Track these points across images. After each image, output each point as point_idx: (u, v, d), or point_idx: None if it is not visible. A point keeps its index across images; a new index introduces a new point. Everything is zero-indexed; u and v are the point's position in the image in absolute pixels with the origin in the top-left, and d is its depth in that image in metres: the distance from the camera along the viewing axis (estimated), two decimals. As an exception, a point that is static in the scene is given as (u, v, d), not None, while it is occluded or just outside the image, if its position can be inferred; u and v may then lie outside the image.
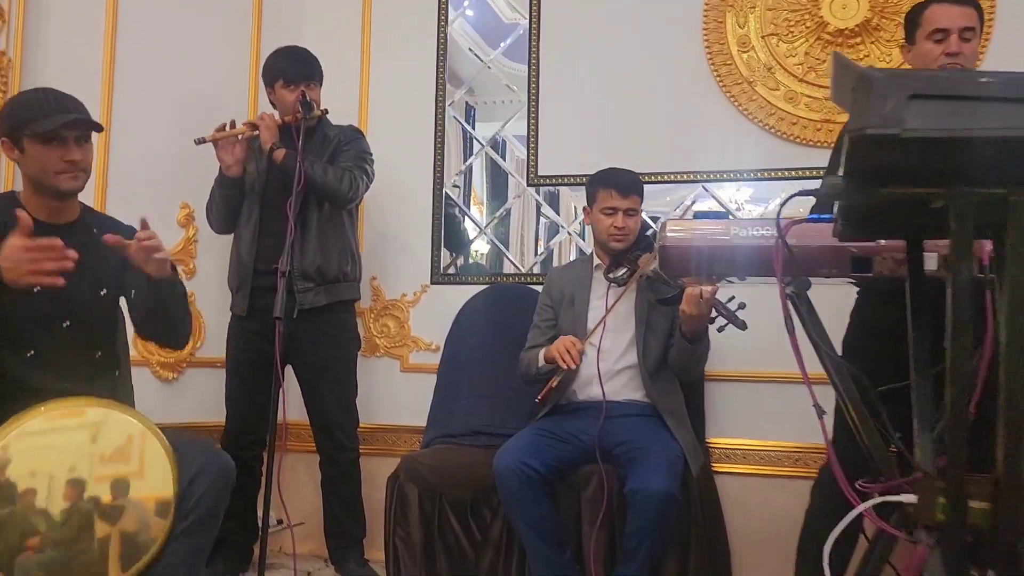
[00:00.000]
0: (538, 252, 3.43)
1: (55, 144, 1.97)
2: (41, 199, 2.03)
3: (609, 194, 2.69)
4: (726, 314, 2.38)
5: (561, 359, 2.53)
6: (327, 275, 2.95)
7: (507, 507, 2.50)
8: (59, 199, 2.03)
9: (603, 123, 3.30)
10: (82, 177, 2.03)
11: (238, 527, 2.95)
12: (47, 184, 1.99)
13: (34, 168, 1.99)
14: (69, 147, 1.98)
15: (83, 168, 2.02)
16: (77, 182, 2.02)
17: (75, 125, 1.99)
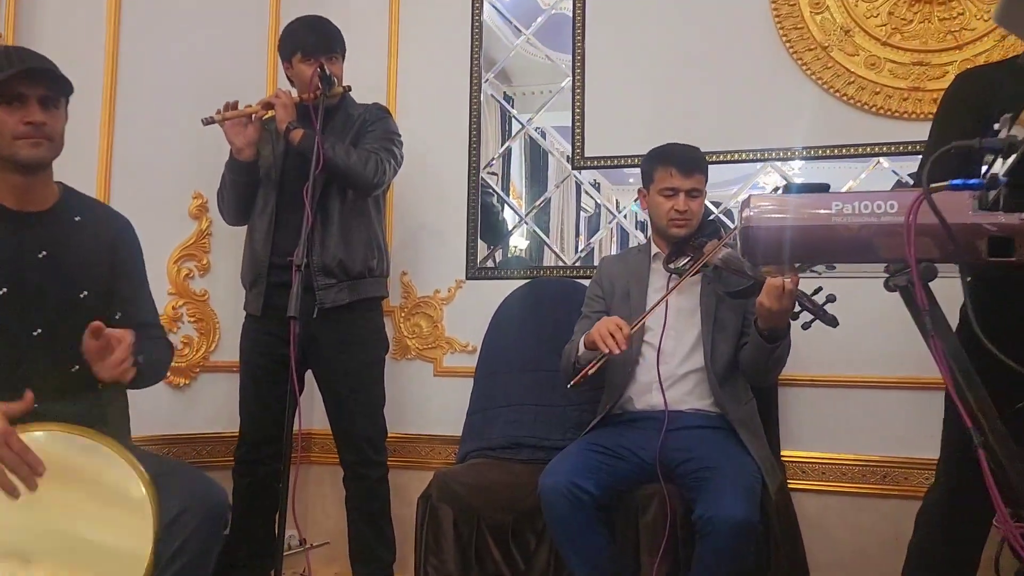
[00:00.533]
0: (579, 244, 3.09)
1: (13, 104, 1.68)
2: (3, 180, 1.73)
3: (668, 173, 2.35)
4: (812, 308, 2.03)
5: (602, 342, 2.17)
6: (350, 270, 2.64)
7: (555, 534, 2.17)
8: (23, 173, 1.73)
9: (656, 98, 2.97)
10: (46, 146, 1.72)
11: (256, 549, 2.66)
12: (3, 154, 1.70)
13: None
14: (30, 108, 1.69)
15: (48, 135, 1.72)
16: (39, 150, 1.71)
17: (34, 77, 1.69)
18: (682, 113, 2.91)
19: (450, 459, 2.97)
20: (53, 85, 1.73)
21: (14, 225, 1.73)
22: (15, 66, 1.68)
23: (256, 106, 2.58)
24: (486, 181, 3.18)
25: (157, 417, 2.82)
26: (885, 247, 1.45)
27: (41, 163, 1.75)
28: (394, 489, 2.82)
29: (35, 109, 1.70)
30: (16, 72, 1.67)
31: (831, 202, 1.47)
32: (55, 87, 1.74)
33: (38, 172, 1.76)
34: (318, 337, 2.61)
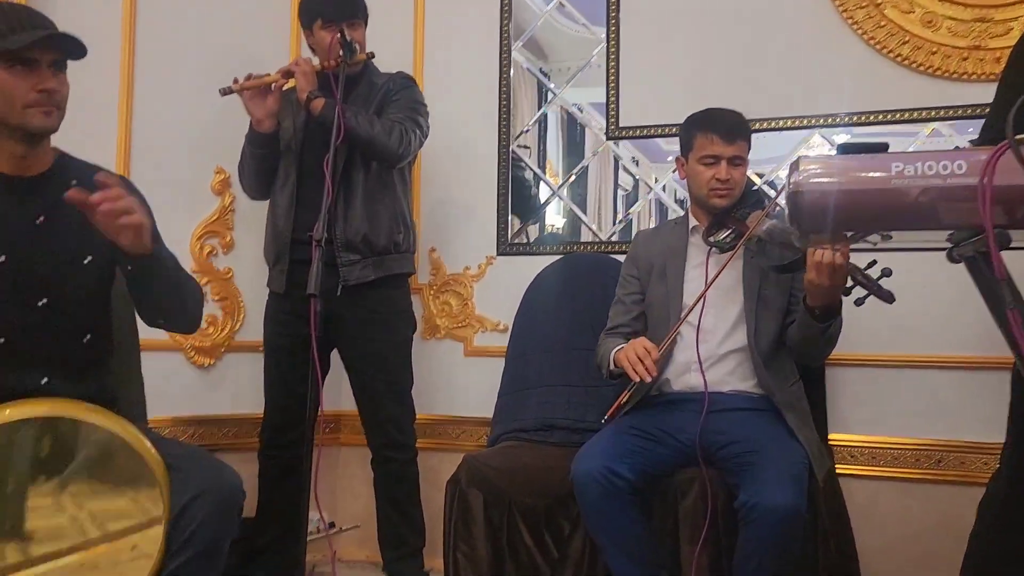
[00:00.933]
0: (617, 218, 2.96)
1: (23, 69, 1.59)
2: (4, 144, 1.65)
3: (709, 140, 2.21)
4: (867, 283, 1.88)
5: (631, 369, 2.06)
6: (375, 246, 2.54)
7: (589, 521, 2.07)
8: (27, 142, 1.65)
9: (694, 64, 2.82)
10: (56, 115, 1.64)
11: (284, 532, 2.60)
12: (12, 123, 1.61)
13: None
14: (42, 73, 1.60)
15: (58, 103, 1.64)
16: (50, 119, 1.63)
17: (51, 44, 1.60)
18: (722, 79, 2.76)
19: (482, 442, 2.87)
20: (66, 49, 1.64)
21: (9, 191, 1.66)
22: (26, 29, 1.59)
23: (275, 75, 2.49)
24: (517, 154, 3.06)
25: (182, 398, 2.77)
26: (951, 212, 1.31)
27: (50, 131, 1.67)
28: (424, 472, 2.74)
29: (47, 75, 1.61)
30: (40, 38, 1.58)
31: (890, 163, 1.34)
32: (68, 52, 1.65)
33: (42, 141, 1.68)
34: (343, 315, 2.52)
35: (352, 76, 2.50)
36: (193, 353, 2.85)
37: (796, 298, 2.12)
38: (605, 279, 2.66)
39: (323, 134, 2.41)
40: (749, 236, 2.11)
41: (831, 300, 1.93)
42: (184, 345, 2.82)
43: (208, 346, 2.88)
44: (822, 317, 1.97)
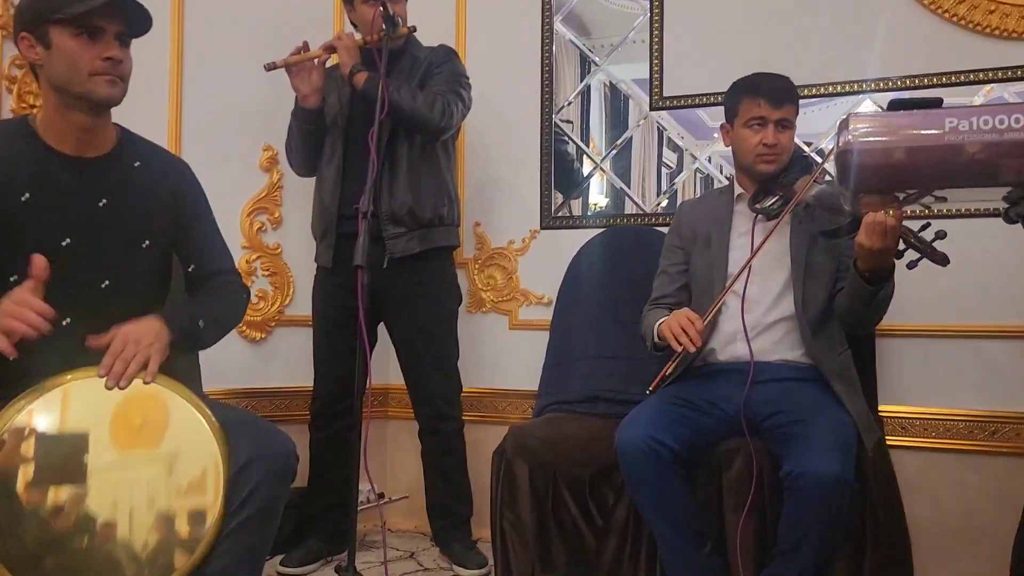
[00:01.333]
0: (661, 189, 2.93)
1: (90, 38, 1.60)
2: (66, 119, 1.65)
3: (756, 104, 2.17)
4: (920, 246, 1.84)
5: (674, 340, 2.04)
6: (420, 218, 2.56)
7: (633, 490, 2.07)
8: (91, 113, 1.65)
9: (738, 30, 2.79)
10: (120, 86, 1.64)
11: (336, 502, 2.65)
12: (77, 91, 1.61)
13: (63, 69, 1.60)
14: (108, 42, 1.61)
15: (122, 74, 1.64)
16: (115, 89, 1.63)
17: (117, 11, 1.61)
18: (767, 45, 2.71)
19: (527, 414, 2.89)
20: (132, 21, 1.65)
21: (73, 172, 1.68)
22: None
23: (319, 50, 2.51)
24: (560, 128, 3.05)
25: (234, 371, 2.83)
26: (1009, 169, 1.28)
27: (114, 102, 1.67)
28: (471, 444, 2.77)
29: (113, 45, 1.62)
30: (103, 2, 1.58)
31: (944, 119, 1.31)
32: (134, 23, 1.66)
33: (105, 112, 1.69)
34: (389, 289, 2.55)
35: (395, 50, 2.52)
36: (245, 328, 2.90)
37: (845, 264, 2.08)
38: (649, 251, 2.64)
39: (368, 109, 2.43)
40: (797, 201, 2.08)
41: (882, 264, 1.88)
42: (236, 319, 2.88)
43: (259, 320, 2.93)
44: (872, 281, 1.93)
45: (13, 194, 1.62)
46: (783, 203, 2.11)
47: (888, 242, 1.79)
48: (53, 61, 1.61)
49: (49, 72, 1.63)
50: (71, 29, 1.59)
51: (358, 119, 2.56)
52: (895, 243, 1.81)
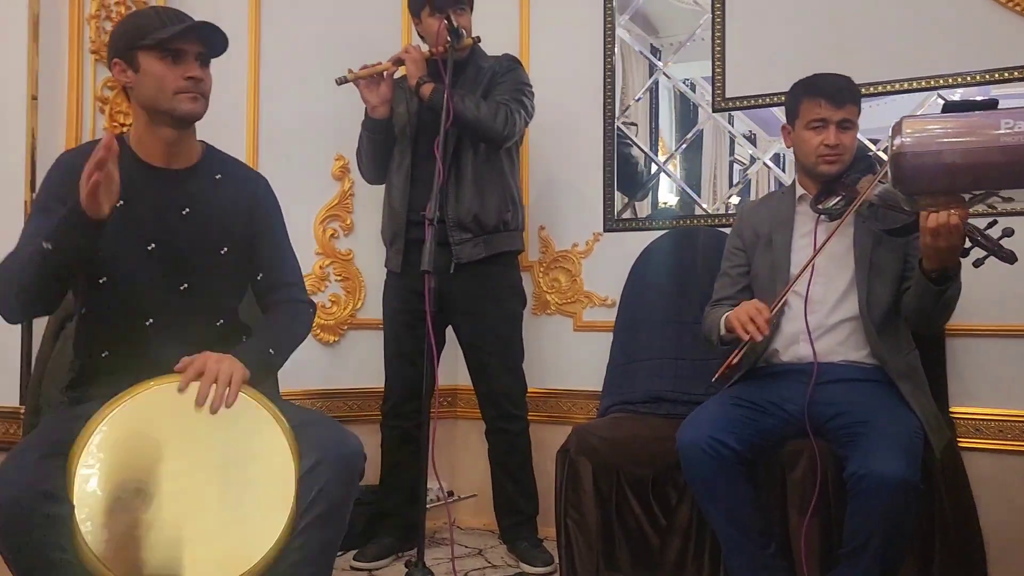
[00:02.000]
0: (733, 182, 2.93)
1: (174, 60, 1.74)
2: (155, 134, 1.79)
3: (817, 104, 2.17)
4: (986, 244, 1.81)
5: (741, 329, 2.04)
6: (485, 224, 2.63)
7: (696, 491, 2.09)
8: (177, 127, 1.79)
9: (803, 29, 2.77)
10: (201, 102, 1.78)
11: (405, 500, 2.74)
12: (164, 108, 1.75)
13: (150, 89, 1.74)
14: (189, 63, 1.75)
15: (203, 91, 1.78)
16: (197, 104, 1.77)
17: (197, 34, 1.75)
18: (833, 43, 2.69)
19: (592, 414, 2.93)
20: (210, 43, 1.78)
21: (160, 183, 1.80)
22: (175, 23, 1.73)
23: (387, 63, 2.59)
24: (623, 131, 3.08)
25: (309, 372, 2.93)
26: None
27: (196, 117, 1.80)
28: (537, 444, 2.82)
29: (194, 65, 1.75)
30: (183, 28, 1.72)
31: (999, 120, 1.31)
32: (212, 45, 1.78)
33: (189, 127, 1.81)
34: (455, 292, 2.62)
35: (460, 61, 2.59)
36: (319, 331, 3.02)
37: (911, 264, 2.06)
38: (712, 252, 2.65)
39: (434, 118, 2.51)
40: (861, 201, 2.06)
41: (948, 262, 1.86)
42: (310, 323, 3.00)
43: (332, 324, 3.04)
44: (939, 280, 1.90)
45: None
46: (846, 203, 2.10)
47: (953, 241, 1.76)
48: (142, 83, 1.75)
49: (138, 93, 1.77)
50: (157, 53, 1.73)
51: (425, 128, 2.64)
52: (961, 242, 1.79)
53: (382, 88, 2.61)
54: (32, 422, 2.00)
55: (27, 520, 1.46)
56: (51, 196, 1.73)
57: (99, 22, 2.57)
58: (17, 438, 2.35)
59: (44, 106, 2.53)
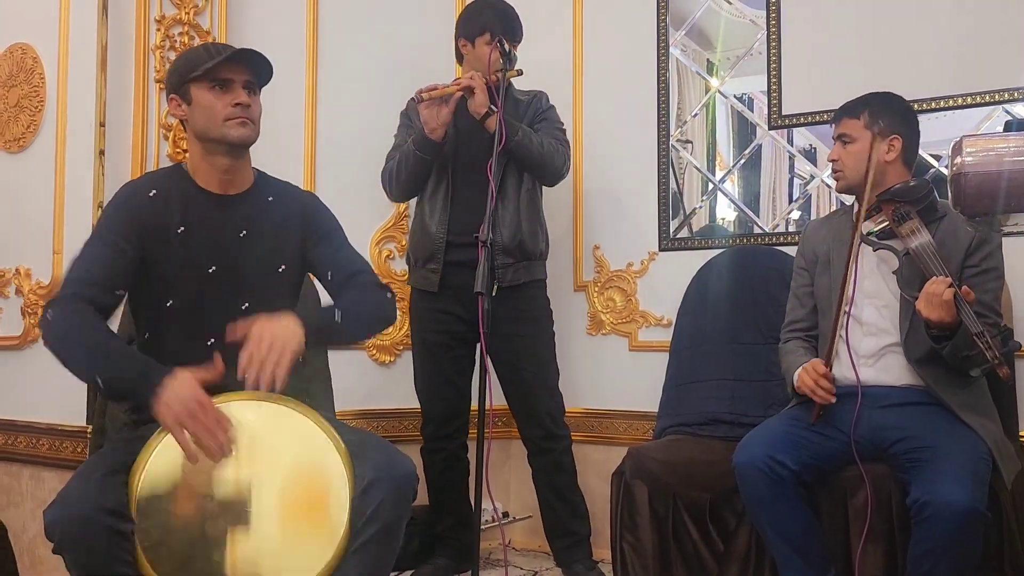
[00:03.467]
0: (793, 197, 2.89)
1: (222, 89, 1.80)
2: (210, 163, 1.85)
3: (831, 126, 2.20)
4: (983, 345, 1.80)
5: (814, 395, 2.04)
6: (528, 251, 2.65)
7: (753, 513, 2.06)
8: (230, 155, 1.84)
9: (860, 44, 2.72)
10: (251, 127, 1.83)
11: (460, 521, 2.74)
12: (215, 136, 1.81)
13: (202, 119, 1.81)
14: (237, 91, 1.81)
15: (252, 117, 1.83)
16: (246, 130, 1.82)
17: (241, 60, 1.81)
18: (892, 57, 2.64)
19: (647, 435, 2.90)
20: (256, 71, 1.84)
21: (218, 208, 1.85)
22: (222, 54, 1.80)
23: (453, 87, 2.59)
24: (678, 148, 3.06)
25: (364, 393, 2.97)
26: None
27: (247, 143, 1.85)
28: (590, 464, 2.81)
29: (241, 92, 1.81)
30: (228, 56, 1.79)
31: (1065, 139, 1.27)
32: (258, 73, 1.84)
33: (242, 153, 1.86)
34: (498, 316, 2.60)
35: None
36: (375, 351, 3.05)
37: None
38: (769, 272, 2.63)
39: (478, 142, 2.53)
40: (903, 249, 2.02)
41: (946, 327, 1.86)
42: (367, 344, 3.03)
43: (388, 344, 3.08)
44: (937, 338, 1.88)
45: (170, 229, 1.82)
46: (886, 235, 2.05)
47: (942, 315, 1.81)
48: (194, 114, 1.82)
49: (192, 124, 1.84)
50: (206, 84, 1.80)
51: (466, 150, 2.64)
52: (951, 319, 1.81)
53: (444, 111, 2.61)
54: (97, 442, 2.07)
55: (92, 536, 1.51)
56: (110, 229, 1.79)
57: (163, 52, 2.65)
58: (83, 456, 2.42)
59: (111, 132, 2.61)
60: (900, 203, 2.05)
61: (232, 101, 1.80)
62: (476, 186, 2.41)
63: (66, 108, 2.68)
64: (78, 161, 2.64)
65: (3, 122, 2.83)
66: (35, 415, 2.68)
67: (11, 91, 2.81)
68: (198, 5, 2.73)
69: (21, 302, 2.75)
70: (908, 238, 2.00)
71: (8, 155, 2.83)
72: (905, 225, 2.02)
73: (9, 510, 2.68)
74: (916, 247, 1.97)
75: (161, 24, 2.66)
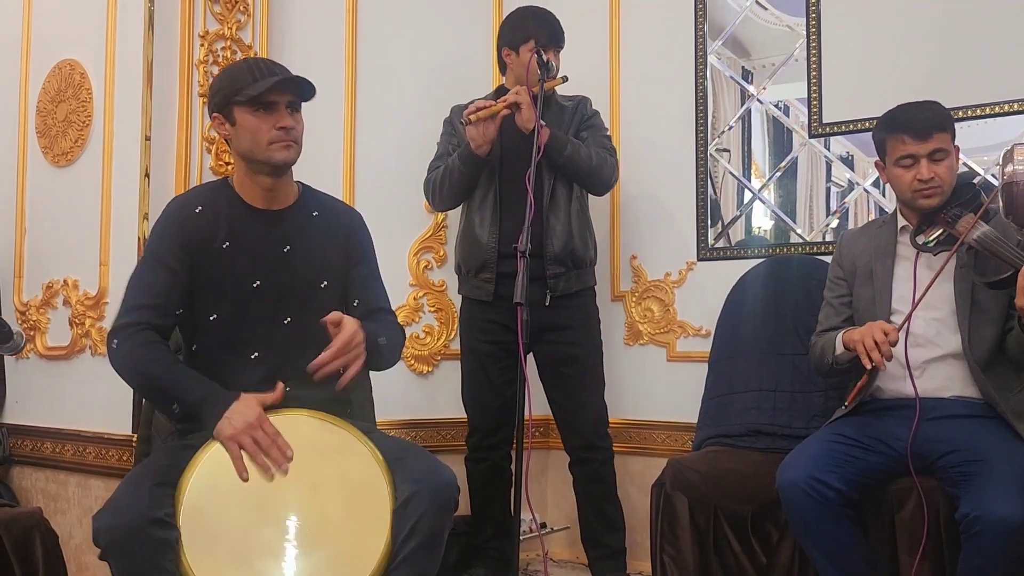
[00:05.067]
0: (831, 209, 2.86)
1: (266, 111, 1.82)
2: (254, 180, 1.88)
3: (901, 141, 2.09)
4: None
5: (865, 355, 1.97)
6: (579, 259, 2.66)
7: (797, 532, 2.03)
8: (273, 175, 1.87)
9: (902, 50, 2.69)
10: (294, 148, 1.85)
11: (499, 531, 2.74)
12: (259, 158, 1.84)
13: (246, 141, 1.83)
14: (281, 113, 1.82)
15: (295, 138, 1.85)
16: (290, 152, 1.84)
17: (285, 87, 1.83)
18: (933, 63, 2.61)
19: (686, 446, 2.87)
20: (299, 92, 1.86)
21: (262, 223, 1.88)
22: (266, 77, 1.81)
23: (500, 105, 2.58)
24: (716, 157, 3.04)
25: (403, 403, 2.98)
26: None
27: (290, 163, 1.88)
28: (630, 476, 2.80)
29: (284, 115, 1.83)
30: (275, 83, 1.81)
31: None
32: (301, 93, 1.86)
33: (285, 173, 1.89)
34: (547, 324, 2.62)
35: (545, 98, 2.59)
36: (413, 361, 3.06)
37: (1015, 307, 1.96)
38: (810, 281, 2.60)
39: (526, 152, 2.53)
40: (959, 245, 1.97)
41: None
42: (405, 355, 3.04)
43: (426, 354, 3.09)
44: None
45: (216, 243, 1.85)
46: (946, 241, 2.01)
47: None
48: (238, 135, 1.84)
49: (236, 144, 1.86)
50: (250, 107, 1.82)
51: (511, 162, 2.64)
52: None
53: (490, 128, 2.60)
54: (143, 450, 2.10)
55: (138, 544, 1.54)
56: (161, 249, 1.83)
57: (207, 67, 2.70)
58: (129, 465, 2.45)
59: (156, 145, 2.66)
60: (950, 207, 2.03)
61: (276, 124, 1.82)
62: (523, 195, 2.41)
63: (112, 122, 2.73)
64: (124, 174, 2.69)
65: (52, 137, 2.90)
66: (82, 423, 2.73)
67: (59, 106, 2.88)
68: (240, 20, 2.78)
69: (69, 313, 2.80)
70: (969, 233, 1.96)
71: (57, 169, 2.89)
72: (961, 222, 1.99)
73: (56, 517, 2.73)
74: (980, 237, 1.93)
75: (205, 39, 2.71)
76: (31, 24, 3.00)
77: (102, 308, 2.70)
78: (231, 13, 2.76)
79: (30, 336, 2.88)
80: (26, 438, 2.91)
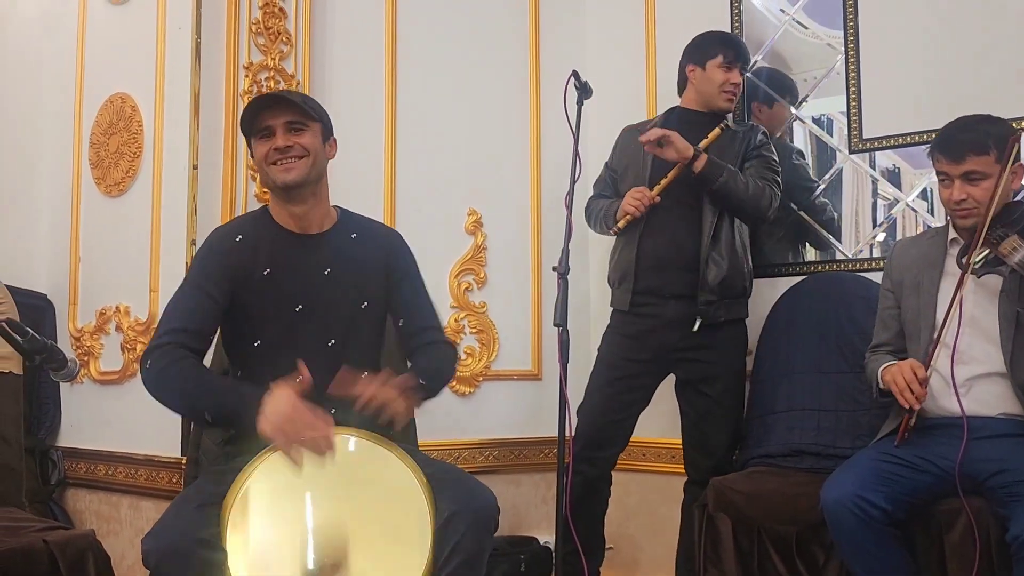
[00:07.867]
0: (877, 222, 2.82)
1: (267, 137, 1.87)
2: (282, 207, 1.92)
3: (937, 159, 2.09)
4: None
5: (900, 397, 1.98)
6: (733, 289, 2.60)
7: (845, 553, 2.00)
8: (286, 198, 1.90)
9: (945, 62, 2.64)
10: (297, 168, 1.85)
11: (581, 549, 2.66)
12: (268, 183, 1.91)
13: (258, 169, 1.93)
14: (276, 137, 1.86)
15: (293, 155, 1.86)
16: (291, 173, 1.85)
17: (271, 108, 1.86)
18: (975, 77, 2.55)
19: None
20: (293, 111, 1.87)
21: (301, 247, 1.92)
22: (263, 108, 1.87)
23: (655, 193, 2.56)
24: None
25: (444, 424, 2.99)
26: None
27: (294, 183, 1.87)
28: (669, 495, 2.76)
29: (278, 137, 1.85)
30: (250, 107, 1.88)
31: None
32: (295, 112, 1.87)
33: (299, 193, 1.89)
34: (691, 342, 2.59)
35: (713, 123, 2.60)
36: (455, 383, 3.07)
37: None
38: (852, 299, 2.58)
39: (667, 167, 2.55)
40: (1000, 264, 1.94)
41: None
42: (446, 376, 3.07)
43: (468, 376, 3.10)
44: None
45: (258, 270, 1.88)
46: (992, 261, 1.98)
47: None
48: (256, 164, 1.94)
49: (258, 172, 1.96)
50: (256, 136, 1.88)
51: (660, 178, 2.60)
52: None
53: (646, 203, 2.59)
54: (192, 473, 2.15)
55: (186, 566, 1.57)
56: (201, 276, 1.88)
57: (251, 97, 2.77)
58: (178, 487, 2.51)
59: (203, 174, 2.73)
60: (996, 226, 2.00)
61: (271, 146, 1.86)
62: (671, 211, 2.48)
63: (162, 153, 2.82)
64: (173, 203, 2.77)
65: (104, 167, 2.99)
66: (133, 446, 2.81)
67: (112, 138, 2.97)
68: (283, 51, 2.85)
69: (121, 338, 2.88)
70: (1010, 255, 1.94)
71: (109, 199, 2.99)
72: (1005, 244, 1.97)
73: (109, 538, 2.79)
74: (1020, 260, 1.91)
75: (249, 70, 2.79)
76: (84, 59, 3.11)
77: (152, 333, 2.77)
78: (274, 44, 2.84)
79: (84, 362, 2.96)
80: (80, 461, 2.99)
